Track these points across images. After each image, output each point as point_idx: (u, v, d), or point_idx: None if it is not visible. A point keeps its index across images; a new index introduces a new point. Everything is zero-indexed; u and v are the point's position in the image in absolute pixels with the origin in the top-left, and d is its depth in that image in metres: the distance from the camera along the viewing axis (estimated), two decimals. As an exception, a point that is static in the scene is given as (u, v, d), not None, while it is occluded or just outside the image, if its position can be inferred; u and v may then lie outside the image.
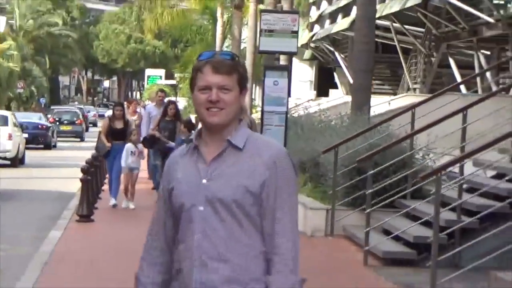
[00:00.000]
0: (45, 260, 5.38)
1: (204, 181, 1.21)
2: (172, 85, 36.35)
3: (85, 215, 7.53)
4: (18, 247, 6.43)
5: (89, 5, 64.34)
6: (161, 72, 43.23)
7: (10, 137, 16.39)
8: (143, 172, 10.56)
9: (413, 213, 6.07)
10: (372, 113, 9.46)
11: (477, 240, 4.88)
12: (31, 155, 18.39)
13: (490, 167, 5.99)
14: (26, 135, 18.62)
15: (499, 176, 6.05)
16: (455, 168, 5.90)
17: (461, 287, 4.61)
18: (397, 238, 5.80)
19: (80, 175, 7.85)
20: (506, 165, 6.06)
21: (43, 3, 47.77)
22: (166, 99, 11.95)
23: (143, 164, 10.06)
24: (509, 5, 13.53)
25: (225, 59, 1.24)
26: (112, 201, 8.69)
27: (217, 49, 19.95)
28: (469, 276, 4.59)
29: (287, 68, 9.55)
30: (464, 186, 5.86)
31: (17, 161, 16.79)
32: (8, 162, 16.36)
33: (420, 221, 5.56)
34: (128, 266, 4.72)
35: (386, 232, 6.09)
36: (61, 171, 14.70)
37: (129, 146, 8.57)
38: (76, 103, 53.43)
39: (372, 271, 5.40)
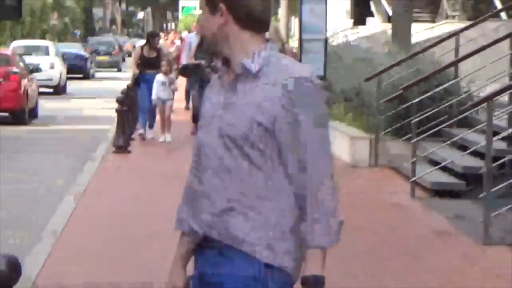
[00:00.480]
0: (82, 190, 5.50)
1: (220, 111, 1.09)
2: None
3: (122, 145, 7.61)
4: (56, 179, 6.62)
5: None
6: (196, 2, 42.03)
7: (52, 66, 16.86)
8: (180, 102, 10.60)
9: (461, 143, 5.84)
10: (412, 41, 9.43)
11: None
12: (71, 85, 18.92)
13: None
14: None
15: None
16: (504, 97, 5.50)
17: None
18: (445, 169, 5.60)
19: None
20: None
21: None
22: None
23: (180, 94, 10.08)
24: None
25: None
26: (141, 131, 8.69)
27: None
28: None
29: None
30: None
31: (60, 89, 17.47)
32: (51, 90, 16.98)
33: (469, 151, 5.33)
34: (164, 196, 4.95)
35: (433, 163, 5.90)
36: (99, 101, 14.85)
37: (159, 76, 8.41)
38: (111, 34, 53.38)
39: (420, 203, 5.23)
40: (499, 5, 13.60)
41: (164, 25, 67.11)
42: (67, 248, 3.87)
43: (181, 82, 10.45)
